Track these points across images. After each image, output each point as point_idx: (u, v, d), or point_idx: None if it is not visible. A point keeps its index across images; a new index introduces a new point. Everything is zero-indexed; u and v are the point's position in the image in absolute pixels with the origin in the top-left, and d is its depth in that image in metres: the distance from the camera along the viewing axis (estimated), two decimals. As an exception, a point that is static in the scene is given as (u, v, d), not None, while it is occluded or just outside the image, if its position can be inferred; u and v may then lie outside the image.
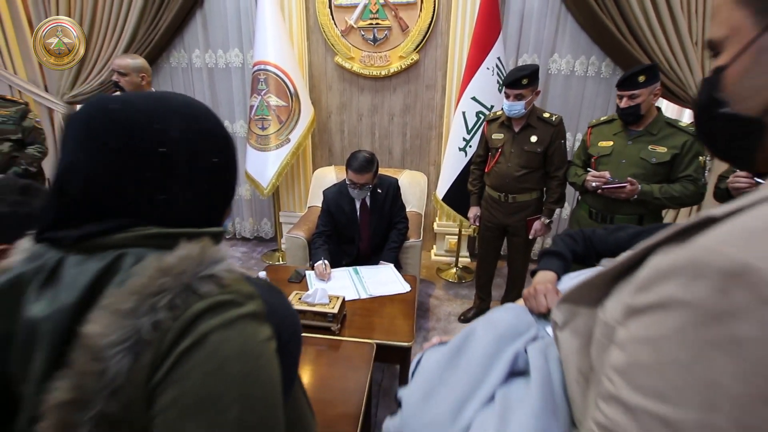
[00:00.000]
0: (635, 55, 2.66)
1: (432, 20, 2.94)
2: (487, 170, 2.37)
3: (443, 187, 2.91)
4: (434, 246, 3.52)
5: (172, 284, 0.43)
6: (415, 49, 3.03)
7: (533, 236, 2.32)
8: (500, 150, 2.26)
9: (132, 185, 0.48)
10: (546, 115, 2.17)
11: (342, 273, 2.17)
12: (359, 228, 2.38)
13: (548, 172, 2.23)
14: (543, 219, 2.28)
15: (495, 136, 2.29)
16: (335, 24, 3.06)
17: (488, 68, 2.63)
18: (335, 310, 1.65)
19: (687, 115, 2.78)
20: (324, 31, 3.09)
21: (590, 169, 2.03)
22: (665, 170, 1.85)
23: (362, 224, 2.38)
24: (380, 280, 2.10)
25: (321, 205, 2.42)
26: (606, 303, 0.41)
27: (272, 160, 3.04)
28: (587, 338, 0.44)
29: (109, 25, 3.24)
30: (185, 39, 3.31)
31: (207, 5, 3.19)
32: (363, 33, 3.05)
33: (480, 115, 2.68)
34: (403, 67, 3.09)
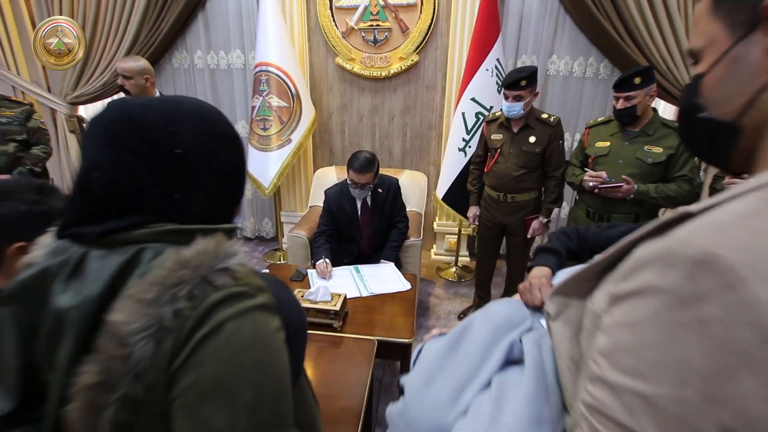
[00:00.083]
0: (633, 56, 2.69)
1: (432, 22, 2.97)
2: (487, 170, 2.40)
3: (443, 187, 2.94)
4: (434, 245, 3.54)
5: (191, 276, 0.46)
6: (415, 51, 3.06)
7: (531, 235, 2.34)
8: (499, 150, 2.29)
9: (150, 184, 0.51)
10: (544, 116, 2.20)
11: (343, 271, 2.20)
12: (360, 227, 2.41)
13: (546, 172, 2.26)
14: (541, 218, 2.31)
15: (494, 137, 2.32)
16: (336, 25, 3.08)
17: (487, 69, 2.66)
18: (337, 308, 1.68)
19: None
20: (325, 33, 3.12)
21: (587, 169, 2.05)
22: (661, 170, 1.88)
23: (363, 223, 2.41)
24: (381, 279, 2.12)
25: (322, 205, 2.45)
26: (595, 294, 0.45)
27: (274, 161, 3.07)
28: (578, 328, 0.47)
29: (112, 26, 3.26)
30: (187, 40, 3.33)
31: (209, 7, 3.21)
32: (363, 34, 3.08)
33: (479, 116, 2.71)
34: (404, 68, 3.11)
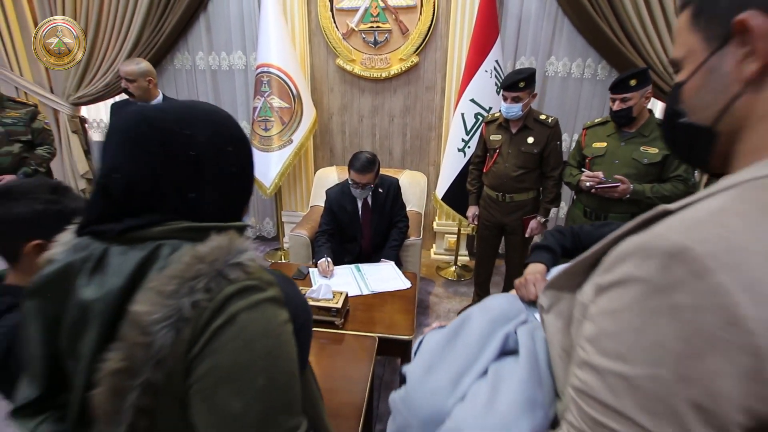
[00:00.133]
0: (630, 58, 2.72)
1: (431, 23, 3.00)
2: (486, 170, 2.43)
3: (443, 187, 2.97)
4: (434, 245, 3.57)
5: (207, 270, 0.49)
6: (415, 52, 3.09)
7: (529, 234, 2.37)
8: (498, 151, 2.32)
9: (166, 184, 0.55)
10: (542, 117, 2.23)
11: (344, 270, 2.23)
12: (361, 227, 2.44)
13: (544, 173, 2.29)
14: (539, 218, 2.34)
15: (493, 137, 2.35)
16: (336, 27, 3.11)
17: (486, 71, 2.69)
18: (339, 305, 1.72)
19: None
20: (325, 34, 3.15)
21: (585, 170, 2.09)
22: (657, 170, 1.92)
23: (364, 223, 2.44)
24: (381, 277, 2.15)
25: (324, 205, 2.48)
26: (584, 287, 0.48)
27: (275, 161, 3.10)
28: (569, 319, 0.51)
29: (114, 28, 3.29)
30: (189, 41, 3.35)
31: (210, 8, 3.24)
32: (364, 36, 3.10)
33: (478, 117, 2.74)
34: (403, 70, 3.14)
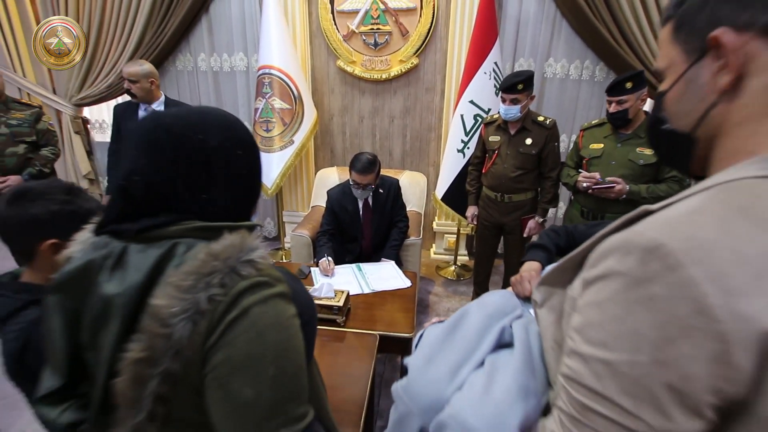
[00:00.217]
0: (627, 60, 2.76)
1: (431, 25, 3.03)
2: (485, 171, 2.47)
3: (442, 187, 3.00)
4: (434, 244, 3.60)
5: (221, 267, 0.53)
6: (415, 54, 3.12)
7: (528, 234, 2.41)
8: (497, 152, 2.36)
9: (181, 186, 0.58)
10: (540, 119, 2.27)
11: (345, 269, 2.26)
12: (362, 227, 2.47)
13: (542, 173, 2.33)
14: (537, 218, 2.38)
15: (492, 139, 2.38)
16: (337, 29, 3.14)
17: (485, 73, 2.72)
18: (341, 303, 1.75)
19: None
20: (326, 36, 3.18)
21: (582, 170, 2.12)
22: (652, 171, 1.95)
23: (365, 223, 2.47)
24: (382, 276, 2.19)
25: (325, 205, 2.51)
26: (574, 282, 0.51)
27: (276, 162, 3.13)
28: (560, 313, 0.54)
29: (117, 29, 3.32)
30: (191, 43, 3.38)
31: (212, 10, 3.27)
32: (364, 38, 3.14)
33: (477, 118, 2.77)
34: (403, 71, 3.18)
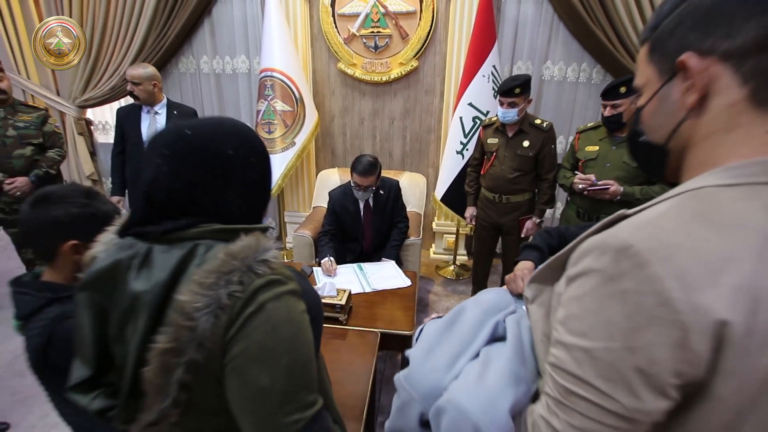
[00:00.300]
0: (623, 63, 2.81)
1: (431, 29, 3.08)
2: (483, 172, 2.52)
3: (441, 188, 3.05)
4: (433, 244, 3.65)
5: (239, 266, 0.58)
6: (415, 56, 3.17)
7: (525, 235, 2.45)
8: (495, 153, 2.40)
9: (200, 192, 0.63)
10: (538, 122, 2.32)
11: (347, 269, 2.31)
12: (363, 227, 2.52)
13: (539, 175, 2.38)
14: (534, 219, 2.43)
15: (490, 141, 2.43)
16: (338, 32, 3.19)
17: (484, 75, 2.77)
18: (343, 302, 1.80)
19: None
20: (327, 39, 3.23)
21: (578, 172, 2.17)
22: (646, 173, 2.00)
23: (365, 224, 2.52)
24: (383, 276, 2.24)
25: (327, 206, 2.56)
26: (561, 280, 0.56)
27: (278, 163, 3.17)
28: (549, 308, 0.59)
29: (120, 32, 3.36)
30: (194, 45, 3.43)
31: (215, 13, 3.31)
32: (365, 40, 3.18)
33: (476, 120, 2.82)
34: (403, 74, 3.22)
